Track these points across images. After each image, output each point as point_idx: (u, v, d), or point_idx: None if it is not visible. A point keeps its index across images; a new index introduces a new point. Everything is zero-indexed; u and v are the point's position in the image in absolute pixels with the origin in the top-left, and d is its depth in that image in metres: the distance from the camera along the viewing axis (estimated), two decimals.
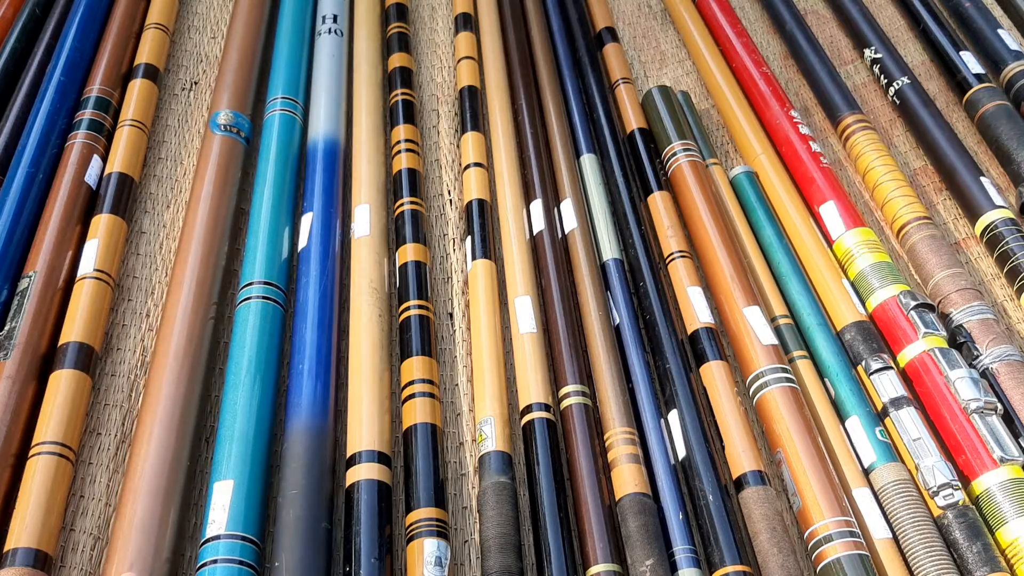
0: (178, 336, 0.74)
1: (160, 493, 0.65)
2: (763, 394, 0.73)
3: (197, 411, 0.72)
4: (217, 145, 0.87)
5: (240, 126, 0.77)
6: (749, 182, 0.89)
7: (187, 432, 0.70)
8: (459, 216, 0.90)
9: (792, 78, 1.03)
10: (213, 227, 0.81)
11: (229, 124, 0.76)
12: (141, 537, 0.63)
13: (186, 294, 0.76)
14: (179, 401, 0.70)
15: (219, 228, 0.82)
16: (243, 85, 0.88)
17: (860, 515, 0.67)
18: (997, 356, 0.73)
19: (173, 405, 0.70)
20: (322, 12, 1.04)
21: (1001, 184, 0.89)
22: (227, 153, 0.87)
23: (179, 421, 0.69)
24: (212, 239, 0.81)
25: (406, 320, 0.78)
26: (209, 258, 0.79)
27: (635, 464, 0.69)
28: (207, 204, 0.83)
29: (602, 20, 1.07)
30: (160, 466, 0.67)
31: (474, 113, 0.96)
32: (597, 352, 0.76)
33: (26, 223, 0.82)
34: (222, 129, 0.76)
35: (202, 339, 0.75)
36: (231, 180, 0.86)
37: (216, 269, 0.80)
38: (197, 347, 0.74)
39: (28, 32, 1.01)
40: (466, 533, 0.70)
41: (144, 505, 0.65)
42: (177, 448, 0.68)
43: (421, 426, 0.71)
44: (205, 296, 0.77)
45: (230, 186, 0.86)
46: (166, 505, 0.65)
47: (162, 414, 0.69)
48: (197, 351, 0.74)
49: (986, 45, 0.97)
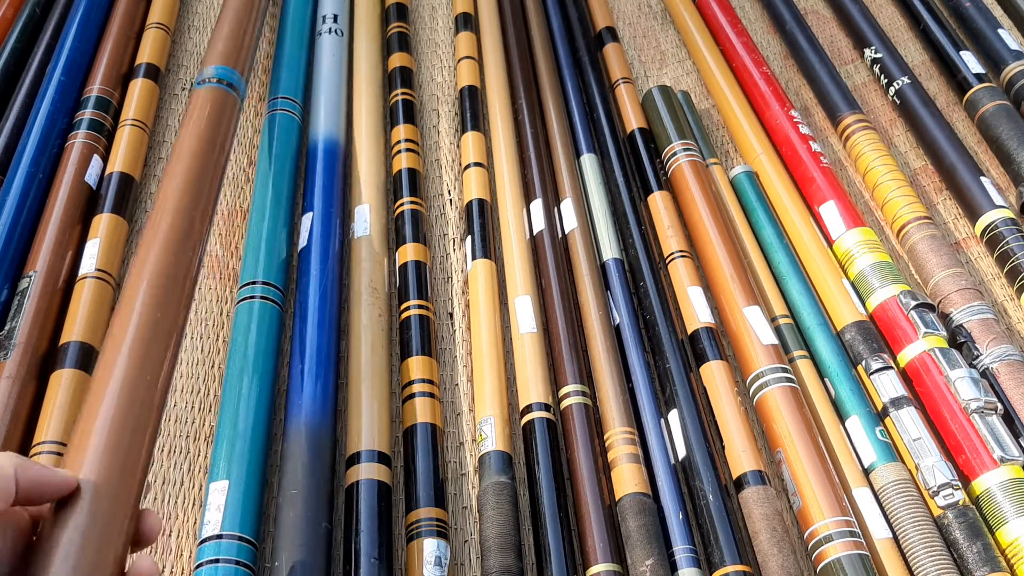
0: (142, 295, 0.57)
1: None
2: (763, 394, 0.73)
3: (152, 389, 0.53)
4: (200, 97, 0.75)
5: (226, 78, 0.74)
6: (749, 182, 0.89)
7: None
8: (459, 216, 0.90)
9: (792, 78, 1.03)
10: (197, 178, 0.67)
11: (211, 77, 0.73)
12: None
13: (159, 246, 0.60)
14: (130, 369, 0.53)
15: (204, 179, 0.67)
16: (233, 45, 0.80)
17: (860, 515, 0.67)
18: (997, 356, 0.73)
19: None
20: (322, 12, 1.04)
21: (1001, 184, 0.89)
22: (212, 102, 0.74)
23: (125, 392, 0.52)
24: (194, 189, 0.65)
25: (406, 320, 0.78)
26: (187, 211, 0.64)
27: (635, 464, 0.69)
28: (190, 153, 0.68)
29: (602, 20, 1.07)
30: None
31: (474, 113, 0.96)
32: (597, 352, 0.76)
33: (26, 223, 0.82)
34: (205, 82, 0.73)
35: (169, 299, 0.57)
36: (217, 128, 0.72)
37: (196, 222, 0.64)
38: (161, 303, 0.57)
39: (28, 32, 1.01)
40: (466, 533, 0.70)
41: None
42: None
43: (421, 426, 0.71)
44: (177, 252, 0.61)
45: (216, 134, 0.72)
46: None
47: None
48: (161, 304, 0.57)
49: (986, 45, 0.97)
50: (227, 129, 0.73)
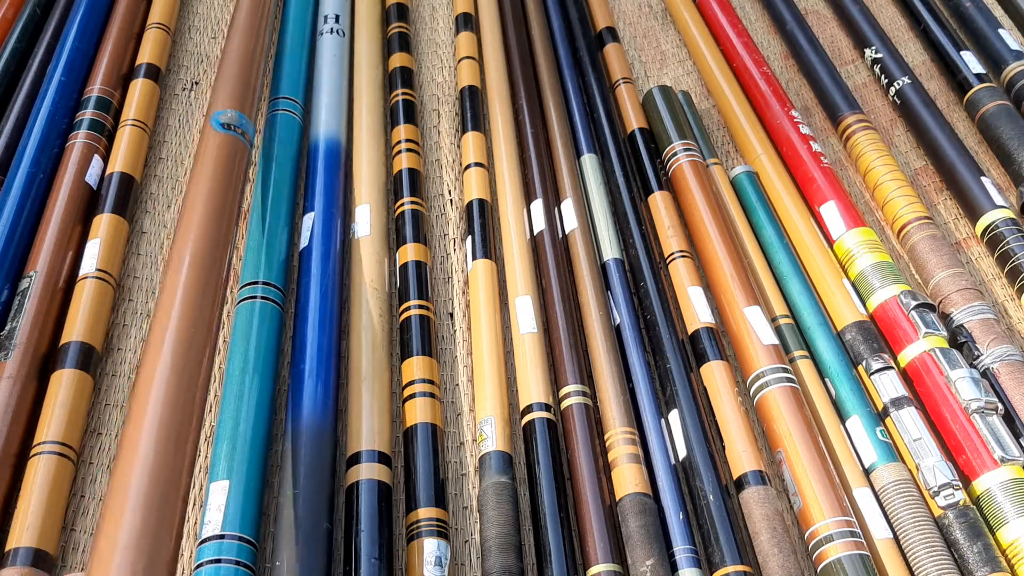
0: (168, 341, 0.62)
1: (145, 501, 0.54)
2: (764, 394, 0.73)
3: (187, 417, 0.59)
4: (219, 143, 0.78)
5: (243, 127, 0.76)
6: (750, 182, 0.89)
7: (175, 439, 0.57)
8: (459, 216, 0.90)
9: (793, 78, 1.03)
10: (213, 226, 0.71)
11: (233, 124, 0.75)
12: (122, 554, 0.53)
13: (180, 295, 0.65)
14: (167, 406, 0.58)
15: (220, 227, 0.72)
16: (245, 85, 0.84)
17: (861, 515, 0.67)
18: (998, 356, 0.73)
19: (160, 410, 0.58)
20: (323, 12, 1.04)
21: (1002, 184, 0.89)
22: (230, 152, 0.78)
23: (166, 428, 0.57)
24: (211, 238, 0.71)
25: (406, 320, 0.78)
26: (205, 259, 0.68)
27: (635, 464, 0.69)
28: (207, 202, 0.73)
29: (603, 20, 1.07)
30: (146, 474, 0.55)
31: (475, 113, 0.96)
32: (597, 352, 0.76)
33: (27, 223, 0.82)
34: (225, 128, 0.75)
35: (191, 343, 0.63)
36: (234, 180, 0.76)
37: (213, 270, 0.69)
38: (186, 351, 0.62)
39: (29, 32, 1.01)
40: (466, 533, 0.70)
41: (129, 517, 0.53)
42: (163, 456, 0.56)
43: (421, 426, 0.71)
44: (197, 297, 0.66)
45: (233, 186, 0.76)
46: (150, 513, 0.54)
47: (148, 423, 0.57)
48: (186, 355, 0.62)
49: (987, 45, 0.97)
50: (239, 182, 0.76)
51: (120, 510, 0.51)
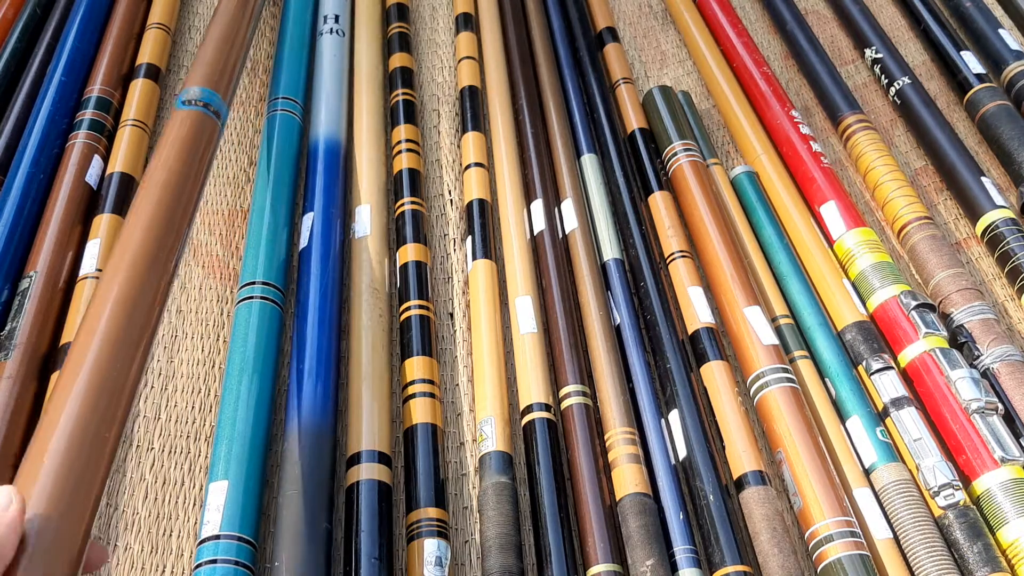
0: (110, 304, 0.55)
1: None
2: (764, 394, 0.73)
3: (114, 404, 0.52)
4: (180, 119, 0.71)
5: (208, 101, 0.73)
6: (750, 182, 0.89)
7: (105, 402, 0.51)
8: (460, 216, 0.90)
9: (793, 78, 1.03)
10: (170, 193, 0.63)
11: (195, 99, 0.72)
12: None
13: (127, 260, 0.58)
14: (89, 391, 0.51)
15: (176, 195, 0.64)
16: (217, 64, 0.80)
17: (861, 515, 0.67)
18: (998, 356, 0.73)
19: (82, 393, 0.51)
20: (323, 12, 1.04)
21: (1002, 184, 0.89)
22: (190, 125, 0.71)
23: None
24: (165, 205, 0.62)
25: (407, 320, 0.78)
26: (156, 228, 0.61)
27: (635, 464, 0.69)
28: (162, 171, 0.65)
29: (603, 20, 1.07)
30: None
31: (475, 113, 0.96)
32: (597, 352, 0.76)
33: (27, 223, 0.82)
34: (186, 104, 0.72)
35: (134, 306, 0.55)
36: (194, 150, 0.69)
37: (164, 241, 0.61)
38: (128, 315, 0.55)
39: (29, 32, 1.01)
40: (467, 533, 0.70)
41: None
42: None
43: (421, 426, 0.71)
44: (144, 263, 0.58)
45: (192, 156, 0.68)
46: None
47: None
48: (127, 321, 0.55)
49: (987, 45, 0.97)
50: (204, 158, 0.70)
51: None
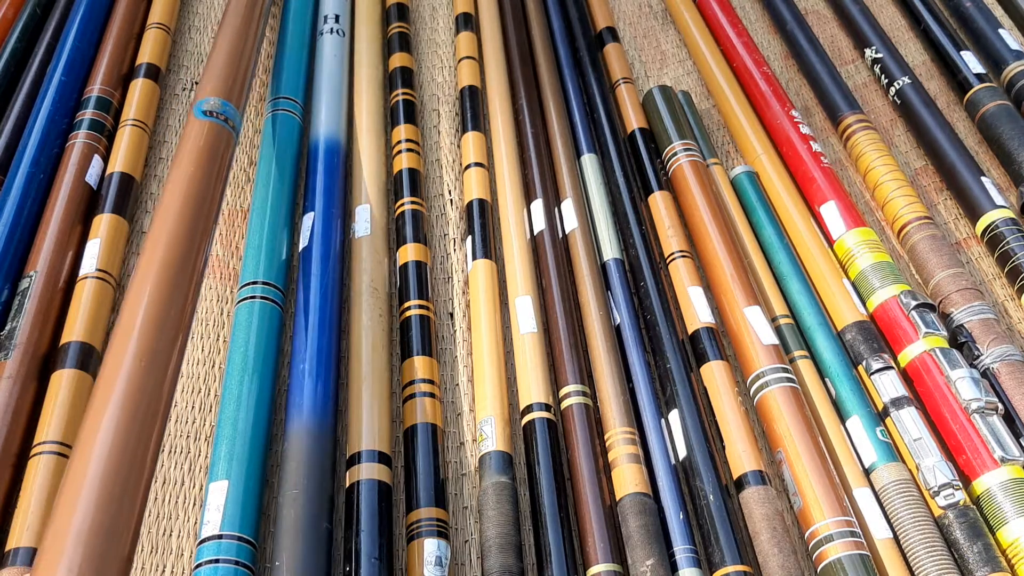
0: (138, 326, 0.58)
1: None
2: (764, 394, 0.73)
3: (153, 406, 0.55)
4: (200, 130, 0.74)
5: (227, 114, 0.74)
6: (750, 182, 0.89)
7: (138, 429, 0.53)
8: (459, 216, 0.90)
9: (793, 78, 1.03)
10: (192, 209, 0.67)
11: (215, 111, 0.73)
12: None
13: (153, 279, 0.61)
14: (132, 393, 0.54)
15: (199, 211, 0.67)
16: (231, 74, 0.81)
17: (861, 515, 0.67)
18: (998, 356, 0.73)
19: (125, 398, 0.54)
20: (323, 12, 1.04)
21: (1002, 184, 0.89)
22: (211, 138, 0.74)
23: (129, 417, 0.53)
24: (189, 221, 0.66)
25: (407, 320, 0.78)
26: (182, 242, 0.64)
27: (635, 464, 0.69)
28: (186, 186, 0.68)
29: (603, 20, 1.07)
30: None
31: (475, 113, 0.96)
32: (597, 352, 0.76)
33: (27, 223, 0.82)
34: (206, 115, 0.73)
35: (163, 328, 0.59)
36: (215, 164, 0.72)
37: (189, 255, 0.64)
38: (156, 336, 0.58)
39: (29, 32, 1.01)
40: (467, 533, 0.70)
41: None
42: (124, 445, 0.52)
43: (422, 426, 0.71)
44: (171, 282, 0.61)
45: (213, 170, 0.72)
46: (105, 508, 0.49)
47: (111, 410, 0.53)
48: (156, 340, 0.57)
49: (987, 45, 0.97)
50: (223, 169, 0.72)
51: (73, 504, 0.47)
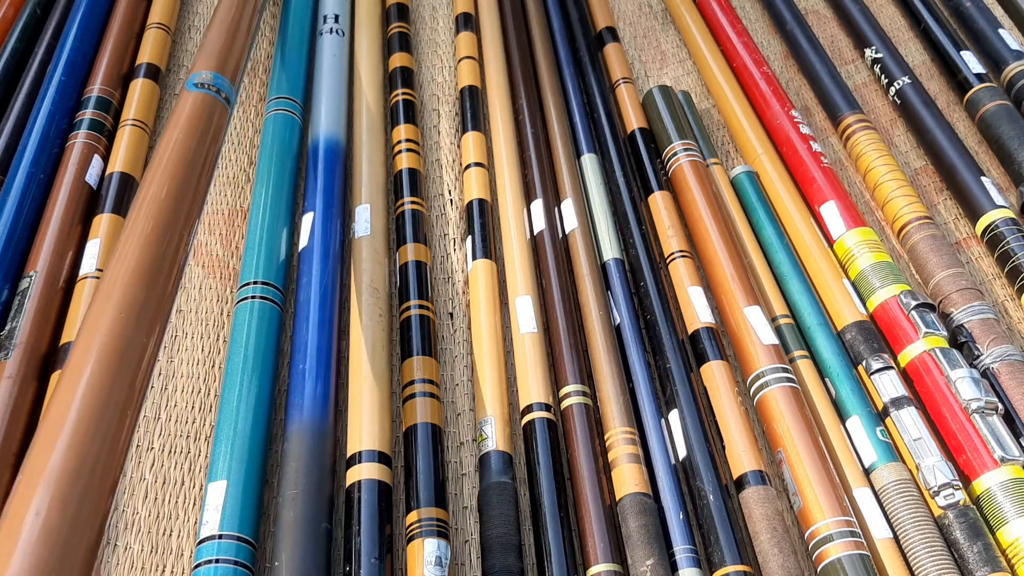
0: (115, 298, 0.54)
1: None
2: (764, 394, 0.73)
3: (123, 391, 0.51)
4: (190, 101, 0.72)
5: (219, 86, 0.73)
6: (750, 182, 0.89)
7: (107, 415, 0.49)
8: (459, 216, 0.90)
9: (793, 78, 1.03)
10: (180, 176, 0.64)
11: (207, 83, 0.72)
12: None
13: (135, 250, 0.58)
14: (99, 377, 0.50)
15: (187, 179, 0.65)
16: (225, 50, 0.80)
17: (861, 515, 0.67)
18: (998, 356, 0.73)
19: (91, 383, 0.49)
20: (323, 12, 1.04)
21: (1002, 184, 0.89)
22: (201, 107, 0.72)
23: (96, 402, 0.49)
24: (176, 187, 0.63)
25: (406, 320, 0.78)
26: (167, 212, 0.61)
27: (635, 464, 0.69)
28: (173, 152, 0.66)
29: (603, 20, 1.07)
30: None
31: (475, 113, 0.96)
32: (597, 352, 0.76)
33: (27, 223, 0.82)
34: (197, 87, 0.72)
35: (143, 303, 0.55)
36: (204, 132, 0.70)
37: (174, 226, 0.61)
38: (134, 310, 0.54)
39: (29, 32, 1.01)
40: (467, 533, 0.70)
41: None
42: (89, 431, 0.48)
43: (422, 426, 0.71)
44: (154, 254, 0.58)
45: (202, 138, 0.69)
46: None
47: (78, 395, 0.49)
48: (133, 318, 0.54)
49: (987, 45, 0.97)
50: (215, 140, 0.71)
51: (28, 498, 0.43)
